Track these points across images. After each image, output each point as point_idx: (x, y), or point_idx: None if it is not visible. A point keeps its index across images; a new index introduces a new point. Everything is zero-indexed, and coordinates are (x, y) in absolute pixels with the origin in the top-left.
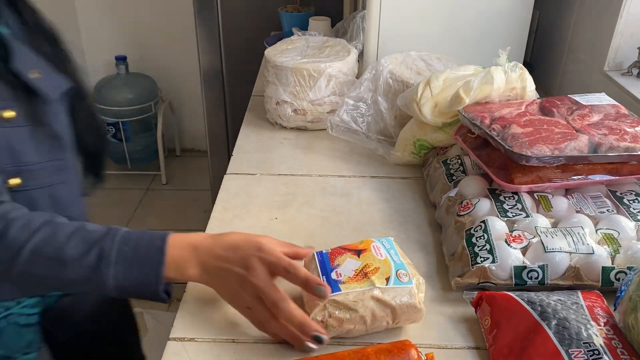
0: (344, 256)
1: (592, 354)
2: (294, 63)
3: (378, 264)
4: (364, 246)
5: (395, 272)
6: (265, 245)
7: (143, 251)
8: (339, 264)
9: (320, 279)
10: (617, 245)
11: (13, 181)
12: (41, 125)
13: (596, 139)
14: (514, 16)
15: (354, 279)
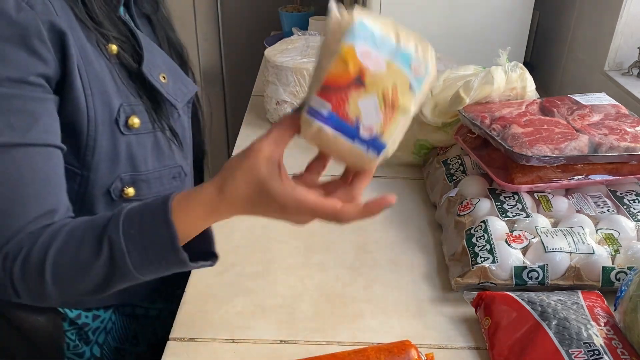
0: (352, 99)
1: (593, 354)
2: (294, 63)
3: (389, 78)
4: (353, 66)
5: (410, 68)
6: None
7: (149, 229)
8: (356, 114)
9: (374, 206)
10: (617, 245)
11: (128, 191)
12: (163, 132)
13: (596, 139)
14: (514, 16)
15: (389, 122)
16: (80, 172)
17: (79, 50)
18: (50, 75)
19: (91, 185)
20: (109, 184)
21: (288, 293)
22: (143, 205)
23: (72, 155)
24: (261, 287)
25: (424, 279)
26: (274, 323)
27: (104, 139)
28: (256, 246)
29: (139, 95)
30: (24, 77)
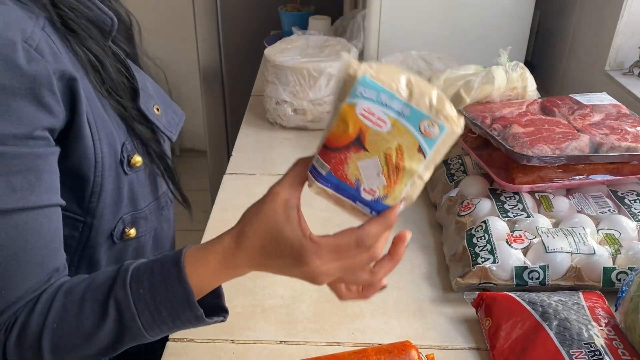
0: (351, 161)
1: (593, 355)
2: (294, 62)
3: (394, 139)
4: (353, 126)
5: (419, 130)
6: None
7: (161, 287)
8: (356, 175)
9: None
10: (618, 246)
11: (130, 232)
12: (159, 167)
13: (597, 139)
14: (515, 16)
15: (392, 183)
16: (83, 219)
17: (86, 94)
18: (56, 126)
19: (94, 231)
20: (112, 228)
21: (288, 293)
22: (151, 263)
23: (76, 203)
24: (261, 287)
25: (425, 279)
26: (274, 323)
27: (110, 182)
28: None
29: (135, 132)
30: (29, 133)
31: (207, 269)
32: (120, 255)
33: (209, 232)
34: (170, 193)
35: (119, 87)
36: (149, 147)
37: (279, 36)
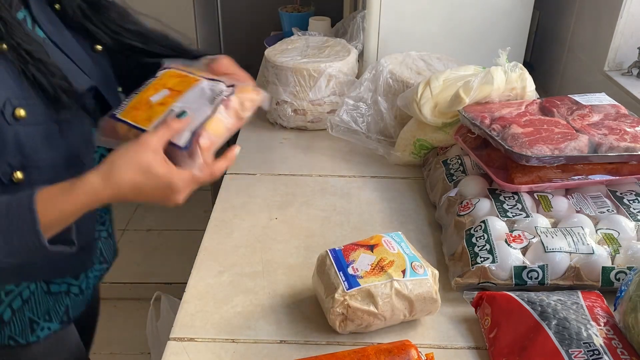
0: (358, 251)
1: (592, 354)
2: (294, 63)
3: (392, 257)
4: (375, 241)
5: (410, 264)
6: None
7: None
8: (354, 259)
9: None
10: (617, 245)
11: (17, 174)
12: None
13: (596, 139)
14: (514, 16)
15: (371, 273)
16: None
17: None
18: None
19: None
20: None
21: (288, 293)
22: (10, 197)
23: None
24: (261, 286)
25: None
26: (274, 323)
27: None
28: (256, 246)
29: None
30: None
31: (70, 202)
32: None
33: (210, 232)
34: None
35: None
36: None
37: (279, 37)
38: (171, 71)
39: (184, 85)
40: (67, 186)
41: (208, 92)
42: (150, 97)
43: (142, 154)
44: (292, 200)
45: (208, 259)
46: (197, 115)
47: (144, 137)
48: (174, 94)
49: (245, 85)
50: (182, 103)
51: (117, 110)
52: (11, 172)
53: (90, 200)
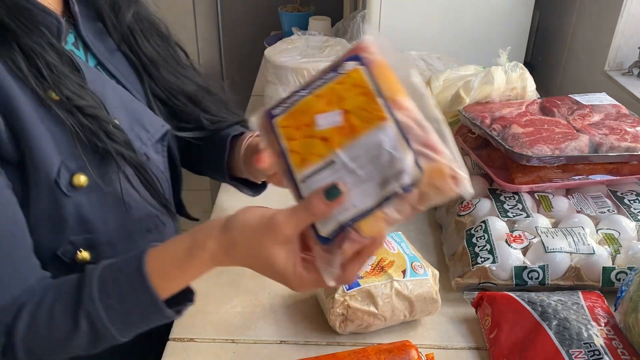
0: None
1: (593, 354)
2: (294, 63)
3: (392, 257)
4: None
5: (410, 264)
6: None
7: (130, 297)
8: None
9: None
10: (617, 246)
11: (82, 255)
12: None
13: (597, 139)
14: (515, 16)
15: (371, 274)
16: None
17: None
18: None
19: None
20: (56, 248)
21: (288, 293)
22: (116, 270)
23: None
24: (261, 287)
25: None
26: (274, 323)
27: (41, 202)
28: None
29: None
30: None
31: (175, 274)
32: None
33: None
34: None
35: (68, 84)
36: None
37: (279, 36)
38: (361, 74)
39: (362, 119)
40: (183, 257)
41: (386, 156)
42: (317, 116)
43: (268, 244)
44: (292, 201)
45: None
46: (356, 199)
47: (277, 220)
48: (346, 131)
49: (439, 164)
50: (348, 156)
51: (277, 109)
52: (74, 251)
53: (205, 271)
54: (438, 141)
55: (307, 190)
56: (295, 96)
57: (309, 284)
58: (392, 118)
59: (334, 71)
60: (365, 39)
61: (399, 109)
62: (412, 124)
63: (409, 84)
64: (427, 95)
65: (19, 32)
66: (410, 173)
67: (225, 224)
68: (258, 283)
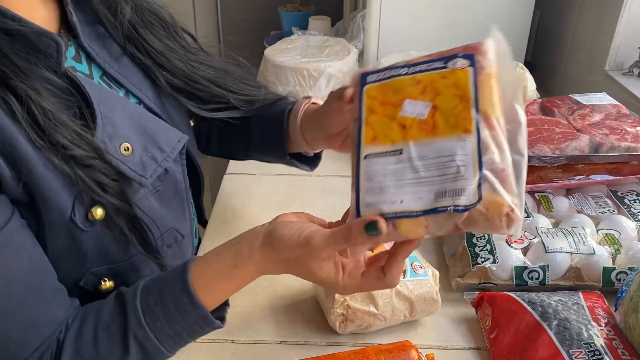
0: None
1: (593, 355)
2: (294, 63)
3: None
4: None
5: (410, 264)
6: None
7: (180, 317)
8: None
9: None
10: (618, 246)
11: (106, 285)
12: (120, 216)
13: (597, 139)
14: (515, 16)
15: None
16: None
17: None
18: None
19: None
20: (77, 280)
21: (288, 293)
22: (160, 292)
23: None
24: (261, 287)
25: None
26: (274, 323)
27: (59, 239)
28: None
29: (92, 182)
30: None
31: (220, 288)
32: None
33: (210, 232)
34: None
35: (64, 131)
36: (104, 197)
37: (279, 36)
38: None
39: (447, 123)
40: (228, 270)
41: (453, 169)
42: (406, 101)
43: (308, 262)
44: (292, 200)
45: None
46: (407, 197)
47: (315, 244)
48: (426, 127)
49: (500, 199)
50: (418, 153)
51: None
52: (98, 281)
53: (250, 281)
54: (510, 174)
55: (364, 169)
56: (394, 70)
57: (354, 289)
58: (476, 133)
59: (442, 62)
60: (488, 42)
61: (487, 127)
62: (492, 147)
63: (511, 106)
64: (524, 125)
65: (10, 73)
66: (469, 197)
67: (266, 237)
68: (258, 283)
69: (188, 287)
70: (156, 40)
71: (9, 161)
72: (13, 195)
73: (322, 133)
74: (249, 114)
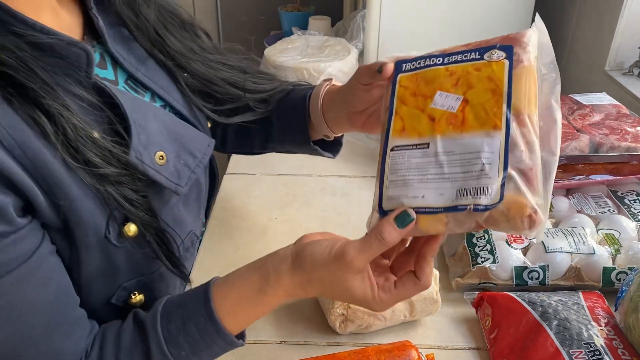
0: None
1: (593, 355)
2: (294, 62)
3: None
4: None
5: None
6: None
7: (204, 343)
8: None
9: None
10: (618, 246)
11: (136, 298)
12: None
13: (597, 139)
14: (515, 16)
15: None
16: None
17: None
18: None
19: (86, 302)
20: (109, 296)
21: None
22: (183, 318)
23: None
24: None
25: None
26: (274, 323)
27: (93, 259)
28: (256, 246)
29: (123, 198)
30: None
31: (245, 313)
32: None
33: (210, 232)
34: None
35: (95, 149)
36: (134, 213)
37: (279, 36)
38: (502, 70)
39: (477, 118)
40: (254, 295)
41: (478, 167)
42: (438, 93)
43: (343, 278)
44: (292, 200)
45: (208, 259)
46: (428, 192)
47: (350, 256)
48: (455, 122)
49: (523, 199)
50: (444, 148)
51: (407, 64)
52: (129, 295)
53: (277, 305)
54: (537, 175)
55: (389, 161)
56: (429, 60)
57: (390, 303)
58: (505, 130)
59: (479, 53)
60: (529, 33)
61: (519, 124)
62: (521, 145)
63: (547, 102)
64: (559, 122)
65: (40, 91)
66: (491, 197)
67: (294, 260)
68: None
69: (213, 316)
70: (177, 41)
71: (43, 187)
72: (46, 220)
73: (345, 111)
74: (265, 114)
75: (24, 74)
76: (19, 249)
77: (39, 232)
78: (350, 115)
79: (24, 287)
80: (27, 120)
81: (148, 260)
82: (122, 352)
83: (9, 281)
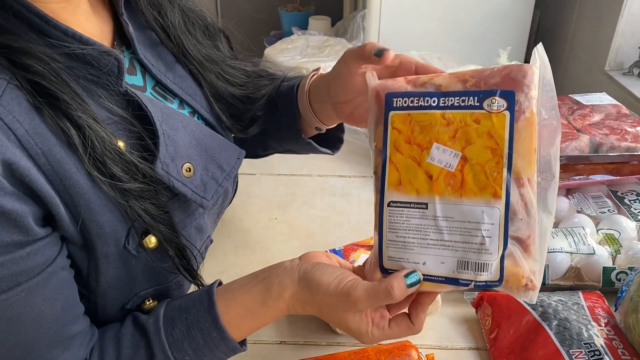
0: (358, 252)
1: (593, 355)
2: (294, 62)
3: None
4: None
5: None
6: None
7: (209, 350)
8: (354, 260)
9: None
10: (618, 246)
11: (150, 304)
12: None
13: (597, 139)
14: (515, 16)
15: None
16: (86, 293)
17: (57, 179)
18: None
19: (101, 308)
20: (124, 303)
21: None
22: (187, 326)
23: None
24: None
25: None
26: (274, 323)
27: (111, 269)
28: (256, 246)
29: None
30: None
31: (247, 324)
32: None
33: None
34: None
35: (121, 162)
36: (156, 227)
37: (279, 36)
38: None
39: (476, 182)
40: (256, 307)
41: (478, 239)
42: (435, 145)
43: (344, 313)
44: (292, 200)
45: (208, 259)
46: (429, 260)
47: (356, 297)
48: (453, 182)
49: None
50: (443, 212)
51: (399, 99)
52: (143, 301)
53: (278, 317)
54: (535, 241)
55: (388, 218)
56: (423, 100)
57: (380, 340)
58: (505, 199)
59: (478, 99)
60: (531, 71)
61: (518, 186)
62: (520, 213)
63: (546, 157)
64: (556, 178)
65: (70, 102)
66: (491, 272)
67: (302, 278)
68: None
69: (218, 323)
70: (198, 47)
71: (64, 197)
72: (66, 231)
73: (330, 101)
74: (268, 112)
75: (56, 84)
76: (33, 261)
77: (56, 245)
78: (335, 105)
79: (34, 300)
80: (54, 129)
81: (165, 267)
82: (122, 358)
83: (18, 293)
